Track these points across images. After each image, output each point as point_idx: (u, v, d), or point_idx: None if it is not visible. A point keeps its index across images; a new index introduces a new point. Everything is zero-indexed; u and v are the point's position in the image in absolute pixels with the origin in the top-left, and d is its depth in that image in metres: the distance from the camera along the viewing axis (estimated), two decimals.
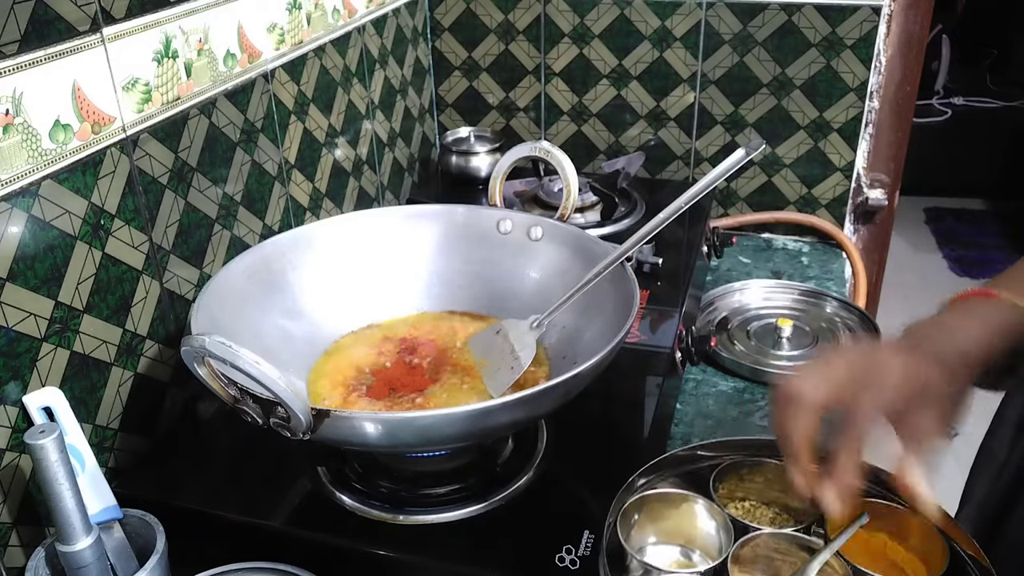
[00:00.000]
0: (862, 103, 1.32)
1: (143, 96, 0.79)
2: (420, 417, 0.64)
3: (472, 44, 1.46)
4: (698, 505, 0.64)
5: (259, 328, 0.80)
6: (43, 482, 0.59)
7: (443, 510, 0.71)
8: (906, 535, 0.61)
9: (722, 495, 0.66)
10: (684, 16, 1.34)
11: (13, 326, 0.67)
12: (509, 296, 0.89)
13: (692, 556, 0.64)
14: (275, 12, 0.99)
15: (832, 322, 1.16)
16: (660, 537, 0.65)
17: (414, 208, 0.96)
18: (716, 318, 1.17)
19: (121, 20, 0.76)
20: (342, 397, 0.78)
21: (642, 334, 0.93)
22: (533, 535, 0.69)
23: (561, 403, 0.68)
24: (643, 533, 0.65)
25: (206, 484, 0.77)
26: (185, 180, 0.87)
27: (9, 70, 0.64)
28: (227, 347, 0.57)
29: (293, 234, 0.88)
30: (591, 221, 1.19)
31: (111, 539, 0.68)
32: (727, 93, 1.37)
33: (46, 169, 0.69)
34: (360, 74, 1.21)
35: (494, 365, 0.79)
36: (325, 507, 0.73)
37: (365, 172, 1.27)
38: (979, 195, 3.86)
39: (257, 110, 0.97)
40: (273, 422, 0.62)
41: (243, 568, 0.68)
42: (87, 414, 0.76)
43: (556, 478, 0.75)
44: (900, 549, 0.61)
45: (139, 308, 0.82)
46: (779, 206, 1.43)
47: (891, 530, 0.61)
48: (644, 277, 1.03)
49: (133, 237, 0.80)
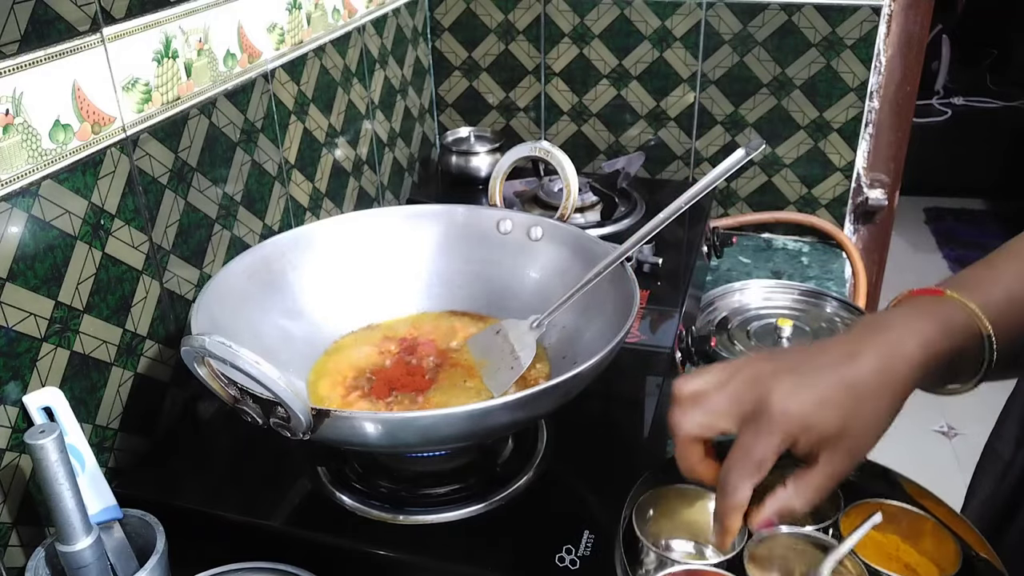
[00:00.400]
0: (862, 103, 1.32)
1: (143, 96, 0.79)
2: (420, 417, 0.64)
3: (472, 44, 1.46)
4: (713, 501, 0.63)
5: (259, 328, 0.80)
6: (43, 482, 0.59)
7: (443, 510, 0.71)
8: (918, 537, 0.61)
9: None
10: (684, 16, 1.34)
11: (13, 326, 0.67)
12: (509, 296, 0.89)
13: (705, 551, 0.64)
14: (275, 12, 0.99)
15: (832, 322, 1.16)
16: (674, 532, 0.65)
17: (414, 208, 0.96)
18: (716, 318, 1.17)
19: (121, 20, 0.76)
20: (342, 397, 0.78)
21: (642, 334, 0.93)
22: (533, 535, 0.69)
23: (561, 403, 0.68)
24: (657, 527, 0.64)
25: (206, 484, 0.77)
26: (185, 180, 0.87)
27: (9, 70, 0.64)
28: (227, 347, 0.57)
29: (293, 234, 0.88)
30: (591, 221, 1.19)
31: (111, 539, 0.68)
32: (727, 93, 1.37)
33: (46, 169, 0.69)
34: (360, 74, 1.21)
35: (494, 365, 0.79)
36: (325, 507, 0.73)
37: (365, 172, 1.27)
38: (979, 195, 3.86)
39: (257, 110, 0.97)
40: (273, 422, 0.62)
41: (243, 568, 0.67)
42: (87, 414, 0.76)
43: (556, 478, 0.75)
44: (912, 551, 0.60)
45: (139, 308, 0.82)
46: (779, 206, 1.43)
47: (903, 532, 0.61)
48: (644, 277, 1.03)
49: (133, 237, 0.80)
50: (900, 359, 0.52)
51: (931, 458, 2.36)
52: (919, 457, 2.34)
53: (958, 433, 2.50)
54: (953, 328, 0.54)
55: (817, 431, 0.50)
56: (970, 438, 2.48)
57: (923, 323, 0.54)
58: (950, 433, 2.51)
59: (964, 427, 2.50)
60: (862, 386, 0.51)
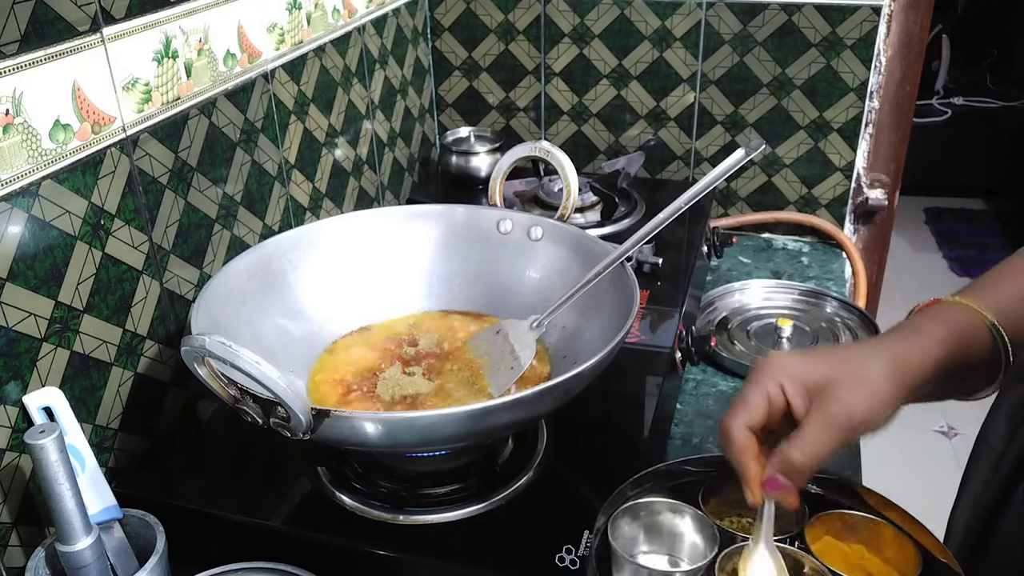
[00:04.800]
0: (862, 103, 1.32)
1: (143, 96, 0.79)
2: (420, 417, 0.64)
3: (472, 44, 1.46)
4: (687, 515, 0.64)
5: (259, 328, 0.80)
6: (43, 482, 0.59)
7: (443, 510, 0.71)
8: (880, 545, 0.62)
9: (713, 507, 0.67)
10: (684, 16, 1.34)
11: (13, 326, 0.67)
12: (509, 296, 0.89)
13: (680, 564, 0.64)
14: (275, 12, 0.99)
15: (832, 322, 1.16)
16: (649, 546, 0.66)
17: (414, 208, 0.96)
18: (716, 318, 1.17)
19: (121, 20, 0.76)
20: (342, 397, 0.78)
21: (642, 334, 0.93)
22: (533, 535, 0.69)
23: (561, 403, 0.68)
24: (632, 542, 0.65)
25: (206, 484, 0.77)
26: (185, 180, 0.87)
27: (9, 70, 0.65)
28: (227, 347, 0.57)
29: (293, 234, 0.88)
30: (591, 221, 1.19)
31: (111, 539, 0.68)
32: (727, 93, 1.37)
33: (46, 169, 0.69)
34: (360, 74, 1.21)
35: (494, 365, 0.79)
36: (325, 507, 0.73)
37: (365, 172, 1.27)
38: (979, 195, 3.86)
39: (257, 110, 0.97)
40: (273, 422, 0.62)
41: (243, 568, 0.68)
42: (87, 414, 0.76)
43: (556, 478, 0.75)
44: (876, 560, 0.62)
45: (139, 308, 0.82)
46: (779, 206, 1.43)
47: (866, 541, 0.63)
48: (644, 277, 1.03)
49: (133, 237, 0.80)
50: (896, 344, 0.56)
51: (931, 458, 2.36)
52: (919, 457, 2.35)
53: (958, 433, 2.50)
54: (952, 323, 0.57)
55: (804, 380, 0.55)
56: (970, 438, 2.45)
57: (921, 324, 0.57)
58: (950, 433, 2.51)
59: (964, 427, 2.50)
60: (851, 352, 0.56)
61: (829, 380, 0.55)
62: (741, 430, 0.55)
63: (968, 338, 0.57)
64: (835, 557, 0.62)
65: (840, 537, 0.63)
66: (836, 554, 0.62)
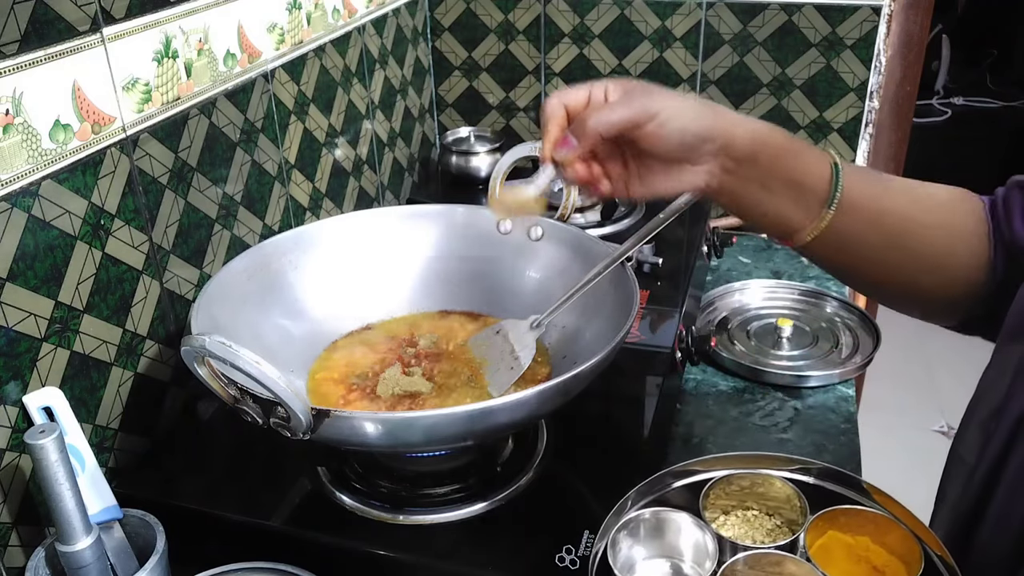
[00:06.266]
0: (862, 103, 1.32)
1: (143, 96, 0.79)
2: (420, 417, 0.64)
3: (472, 44, 1.46)
4: (688, 522, 0.64)
5: (259, 328, 0.80)
6: (43, 482, 0.59)
7: (443, 510, 0.71)
8: (885, 539, 0.63)
9: (712, 511, 0.67)
10: (684, 16, 1.34)
11: (13, 326, 0.67)
12: (509, 296, 0.89)
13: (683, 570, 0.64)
14: (275, 12, 0.99)
15: (832, 322, 1.16)
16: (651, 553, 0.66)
17: (414, 208, 0.96)
18: (716, 318, 1.17)
19: (121, 20, 0.76)
20: (342, 397, 0.78)
21: (642, 334, 0.93)
22: (533, 535, 0.69)
23: (561, 403, 0.68)
24: (634, 551, 0.65)
25: (206, 484, 0.77)
26: (185, 180, 0.87)
27: (9, 70, 0.65)
28: (227, 347, 0.57)
29: (293, 234, 0.88)
30: (591, 221, 1.19)
31: (111, 539, 0.68)
32: (727, 93, 1.37)
33: (46, 169, 0.69)
34: (360, 74, 1.22)
35: (494, 365, 0.79)
36: (325, 507, 0.73)
37: (365, 172, 1.27)
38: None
39: (257, 110, 0.97)
40: (273, 422, 0.62)
41: (243, 568, 0.68)
42: (87, 414, 0.76)
43: (556, 478, 0.75)
44: (882, 552, 0.62)
45: (139, 308, 0.82)
46: None
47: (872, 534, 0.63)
48: (644, 277, 1.03)
49: (133, 237, 0.80)
50: None
51: (931, 458, 2.35)
52: (919, 457, 2.34)
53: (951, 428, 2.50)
54: (798, 140, 0.64)
55: (630, 86, 0.63)
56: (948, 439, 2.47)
57: None
58: (950, 433, 2.51)
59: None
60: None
61: (650, 88, 0.62)
62: (557, 104, 0.64)
63: (806, 154, 0.63)
64: (840, 549, 0.62)
65: (844, 530, 0.63)
66: (841, 546, 0.62)
